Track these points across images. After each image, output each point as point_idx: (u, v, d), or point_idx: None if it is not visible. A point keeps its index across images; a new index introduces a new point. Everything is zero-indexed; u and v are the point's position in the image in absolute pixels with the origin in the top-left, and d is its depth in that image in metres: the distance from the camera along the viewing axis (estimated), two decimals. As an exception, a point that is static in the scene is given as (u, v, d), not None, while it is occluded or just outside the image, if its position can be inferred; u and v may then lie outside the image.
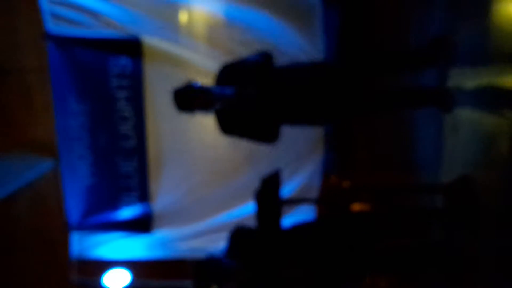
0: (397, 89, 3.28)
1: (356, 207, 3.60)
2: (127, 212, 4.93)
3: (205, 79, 4.33)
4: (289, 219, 3.27)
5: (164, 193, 4.87)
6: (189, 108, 2.97)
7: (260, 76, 2.99)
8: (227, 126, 3.15)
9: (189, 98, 2.91)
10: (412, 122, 3.70)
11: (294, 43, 4.31)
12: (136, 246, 5.02)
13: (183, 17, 4.38)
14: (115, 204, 4.93)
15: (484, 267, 2.64)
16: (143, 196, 4.89)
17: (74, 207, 4.87)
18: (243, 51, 4.13)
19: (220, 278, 2.85)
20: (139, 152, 4.76)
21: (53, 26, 4.36)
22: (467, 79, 2.82)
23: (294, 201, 4.20)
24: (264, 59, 3.10)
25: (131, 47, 4.45)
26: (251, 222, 3.25)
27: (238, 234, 3.07)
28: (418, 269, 3.20)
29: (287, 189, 4.33)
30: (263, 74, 3.01)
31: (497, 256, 2.50)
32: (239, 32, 4.35)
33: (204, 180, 4.76)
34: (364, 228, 3.12)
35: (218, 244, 4.82)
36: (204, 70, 4.28)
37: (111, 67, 4.53)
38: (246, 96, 2.95)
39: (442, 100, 3.04)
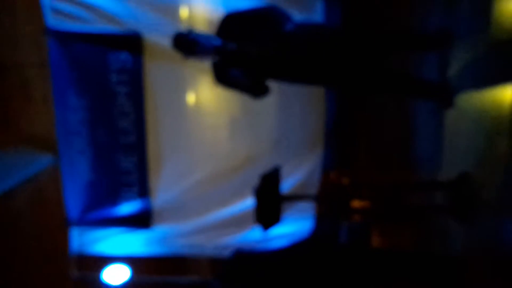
0: (400, 71, 3.26)
1: (356, 204, 3.61)
2: (126, 208, 4.94)
3: (206, 74, 4.38)
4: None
5: (164, 189, 4.88)
6: (185, 52, 3.07)
7: (262, 30, 3.03)
8: (222, 77, 3.22)
9: (187, 43, 3.01)
10: (412, 120, 3.70)
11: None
12: (136, 242, 5.02)
13: (183, 12, 4.37)
14: (115, 200, 4.93)
15: (483, 267, 2.64)
16: (143, 191, 4.90)
17: (73, 202, 4.87)
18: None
19: None
20: (139, 147, 4.76)
21: (53, 21, 4.35)
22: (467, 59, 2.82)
23: (294, 198, 4.20)
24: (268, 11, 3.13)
25: (132, 43, 4.45)
26: (250, 218, 3.26)
27: (238, 258, 3.09)
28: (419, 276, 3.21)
29: (287, 186, 4.33)
30: (266, 28, 3.04)
31: (496, 256, 2.50)
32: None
33: (203, 176, 4.76)
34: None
35: (217, 240, 4.86)
36: (204, 65, 4.28)
37: (111, 63, 4.52)
38: (246, 53, 3.03)
39: (442, 96, 3.04)
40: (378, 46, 3.15)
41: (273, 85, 3.33)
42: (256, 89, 3.22)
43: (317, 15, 4.32)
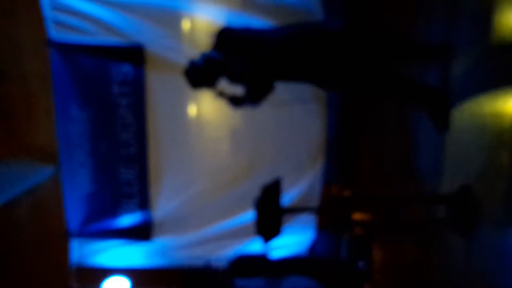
0: (400, 76, 3.25)
1: (357, 216, 3.59)
2: (127, 220, 4.93)
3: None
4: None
5: (164, 200, 4.87)
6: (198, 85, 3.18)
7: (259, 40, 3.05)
8: (233, 78, 3.24)
9: (204, 80, 3.16)
10: (414, 132, 3.69)
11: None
12: (136, 254, 5.01)
13: (185, 25, 4.40)
14: (115, 211, 4.93)
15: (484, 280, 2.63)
16: (143, 203, 4.89)
17: (74, 214, 4.87)
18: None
19: None
20: (140, 159, 4.76)
21: (55, 33, 4.39)
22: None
23: (295, 210, 4.19)
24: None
25: (134, 55, 4.48)
26: (251, 230, 3.25)
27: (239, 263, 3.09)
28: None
29: (288, 198, 4.32)
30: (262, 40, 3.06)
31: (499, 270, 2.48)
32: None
33: (204, 188, 4.77)
34: None
35: (217, 252, 4.83)
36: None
37: (113, 74, 4.55)
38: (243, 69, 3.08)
39: (440, 118, 3.03)
40: (378, 51, 3.15)
41: (274, 97, 3.33)
42: (258, 91, 3.25)
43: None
